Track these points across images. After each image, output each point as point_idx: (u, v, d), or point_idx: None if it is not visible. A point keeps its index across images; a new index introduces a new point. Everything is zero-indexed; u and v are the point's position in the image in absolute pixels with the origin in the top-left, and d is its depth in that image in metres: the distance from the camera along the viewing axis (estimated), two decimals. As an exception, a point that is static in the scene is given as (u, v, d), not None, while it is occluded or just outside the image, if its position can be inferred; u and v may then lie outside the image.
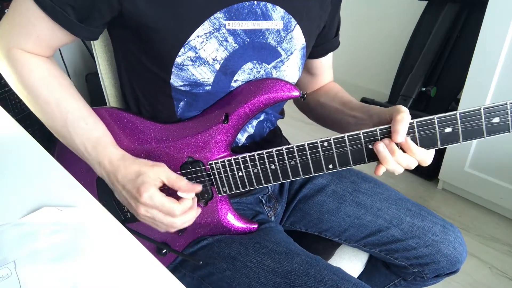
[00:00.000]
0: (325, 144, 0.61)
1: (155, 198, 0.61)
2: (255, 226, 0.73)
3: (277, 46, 0.67)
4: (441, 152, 1.74)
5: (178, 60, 0.62)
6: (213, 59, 0.63)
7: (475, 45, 1.50)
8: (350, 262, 0.86)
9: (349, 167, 0.63)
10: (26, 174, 0.60)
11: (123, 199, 0.64)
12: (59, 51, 1.84)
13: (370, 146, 0.61)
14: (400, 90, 1.94)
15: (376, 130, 0.60)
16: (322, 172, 0.63)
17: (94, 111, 0.69)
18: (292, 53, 0.70)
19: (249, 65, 0.66)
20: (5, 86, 1.51)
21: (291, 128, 1.35)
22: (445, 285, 1.39)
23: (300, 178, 0.68)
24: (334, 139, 0.61)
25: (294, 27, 0.68)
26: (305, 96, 0.71)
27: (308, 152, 0.62)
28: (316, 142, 0.62)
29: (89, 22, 0.61)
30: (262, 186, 0.73)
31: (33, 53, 0.65)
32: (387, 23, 2.33)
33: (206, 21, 0.61)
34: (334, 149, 0.62)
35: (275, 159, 0.64)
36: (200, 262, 0.70)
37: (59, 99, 0.65)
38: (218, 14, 0.61)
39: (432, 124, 0.58)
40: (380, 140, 0.60)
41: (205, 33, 0.61)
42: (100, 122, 0.68)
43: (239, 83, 0.67)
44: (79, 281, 0.44)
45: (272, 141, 0.80)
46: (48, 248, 0.48)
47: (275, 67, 0.69)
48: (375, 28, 2.40)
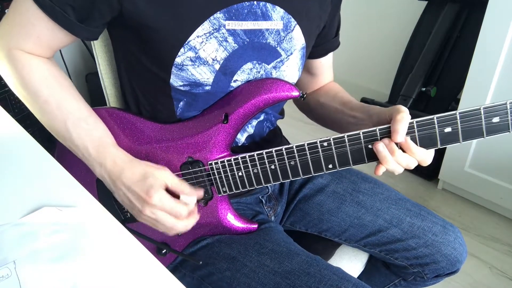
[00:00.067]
0: (325, 144, 0.61)
1: (165, 201, 0.61)
2: (255, 226, 0.73)
3: (277, 46, 0.67)
4: (441, 152, 1.74)
5: (178, 60, 0.62)
6: (213, 59, 0.63)
7: (475, 45, 1.50)
8: (350, 262, 0.86)
9: (349, 167, 0.64)
10: (26, 174, 0.60)
11: (125, 200, 0.64)
12: (60, 51, 1.84)
13: (370, 146, 0.61)
14: (400, 90, 1.94)
15: (376, 130, 0.60)
16: (322, 172, 0.63)
17: (94, 111, 0.69)
18: (292, 53, 0.70)
19: (249, 65, 0.66)
20: (5, 86, 1.51)
21: (291, 128, 1.34)
22: (445, 285, 1.39)
23: (300, 178, 0.68)
24: (334, 139, 0.61)
25: (294, 27, 0.68)
26: (305, 96, 0.71)
27: (308, 152, 0.62)
28: (316, 142, 0.62)
29: (89, 22, 0.61)
30: (262, 186, 0.73)
31: (33, 54, 0.65)
32: (387, 23, 2.33)
33: (206, 21, 0.61)
34: (334, 149, 0.62)
35: (275, 159, 0.64)
36: (200, 262, 0.70)
37: (59, 100, 0.65)
38: (218, 14, 0.61)
39: (432, 124, 0.58)
40: (380, 140, 0.60)
41: (205, 33, 0.61)
42: (101, 123, 0.68)
43: (239, 83, 0.67)
44: (79, 281, 0.44)
45: (272, 141, 0.80)
46: (48, 248, 0.48)
47: (275, 67, 0.69)
48: (375, 28, 2.40)
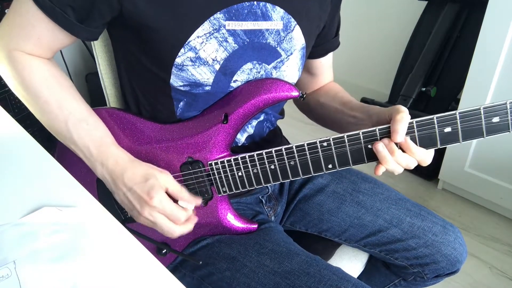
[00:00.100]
0: (325, 144, 0.61)
1: (165, 203, 0.61)
2: (255, 226, 0.73)
3: (277, 46, 0.67)
4: (441, 152, 1.74)
5: (178, 61, 0.62)
6: (213, 60, 0.63)
7: (475, 45, 1.50)
8: (350, 262, 0.86)
9: (349, 167, 0.64)
10: (26, 174, 0.60)
11: (125, 200, 0.64)
12: (60, 52, 1.85)
13: (370, 146, 0.61)
14: (400, 90, 1.94)
15: (376, 130, 0.60)
16: (322, 172, 0.63)
17: (95, 112, 0.69)
18: (292, 53, 0.70)
19: (249, 66, 0.66)
20: (5, 86, 1.51)
21: (291, 128, 1.35)
22: (445, 285, 1.39)
23: (300, 178, 0.68)
24: (334, 139, 0.61)
25: (294, 27, 0.68)
26: (305, 96, 0.71)
27: (308, 152, 0.62)
28: (316, 142, 0.62)
29: (89, 23, 0.61)
30: (262, 186, 0.73)
31: (34, 55, 0.65)
32: (387, 23, 2.33)
33: (206, 22, 0.61)
34: (334, 149, 0.62)
35: (275, 159, 0.64)
36: (200, 262, 0.70)
37: (60, 100, 0.65)
38: (218, 15, 0.61)
39: (432, 124, 0.58)
40: (380, 140, 0.60)
41: (205, 34, 0.61)
42: (101, 123, 0.68)
43: (239, 83, 0.67)
44: (79, 281, 0.44)
45: (272, 141, 0.80)
46: (48, 248, 0.48)
47: (275, 67, 0.69)
48: (375, 28, 2.40)
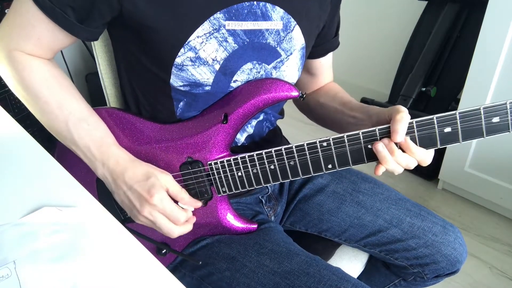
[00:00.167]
0: (324, 144, 0.61)
1: (165, 202, 0.61)
2: (255, 226, 0.73)
3: (277, 46, 0.67)
4: (441, 152, 1.74)
5: (178, 61, 0.62)
6: (213, 60, 0.63)
7: (475, 45, 1.50)
8: (350, 263, 0.86)
9: (349, 167, 0.64)
10: (26, 174, 0.60)
11: (125, 200, 0.64)
12: (61, 52, 1.84)
13: (369, 146, 0.61)
14: (400, 90, 1.94)
15: (375, 130, 0.60)
16: (322, 172, 0.63)
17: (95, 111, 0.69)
18: (292, 53, 0.70)
19: (249, 66, 0.66)
20: (5, 86, 1.51)
21: (291, 128, 1.35)
22: (445, 285, 1.39)
23: (300, 178, 0.68)
24: (333, 139, 0.61)
25: (294, 27, 0.68)
26: (304, 96, 0.71)
27: (307, 152, 0.62)
28: (315, 142, 0.62)
29: (89, 23, 0.61)
30: (262, 186, 0.73)
31: (34, 55, 0.65)
32: (387, 23, 2.33)
33: (206, 22, 0.61)
34: (333, 149, 0.62)
35: (274, 159, 0.64)
36: (200, 262, 0.70)
37: (60, 100, 0.65)
38: (218, 15, 0.61)
39: (432, 124, 0.58)
40: (380, 140, 0.60)
41: (205, 34, 0.61)
42: (102, 122, 0.68)
43: (239, 83, 0.67)
44: (79, 281, 0.44)
45: (272, 141, 0.80)
46: (48, 248, 0.48)
47: (275, 67, 0.69)
48: (375, 28, 2.40)
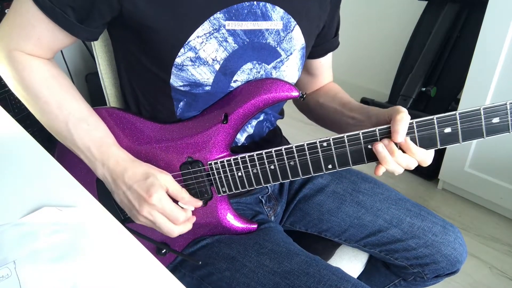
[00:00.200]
0: (324, 144, 0.61)
1: (165, 202, 0.61)
2: (255, 226, 0.73)
3: (277, 46, 0.67)
4: (441, 152, 1.74)
5: (178, 61, 0.62)
6: (213, 60, 0.63)
7: (475, 45, 1.50)
8: (350, 263, 0.86)
9: (349, 167, 0.64)
10: (26, 174, 0.60)
11: (124, 200, 0.64)
12: (61, 52, 1.85)
13: (370, 146, 0.61)
14: (400, 90, 1.94)
15: (376, 130, 0.60)
16: (322, 172, 0.63)
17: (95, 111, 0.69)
18: (292, 53, 0.70)
19: (249, 66, 0.66)
20: (5, 86, 1.51)
21: (291, 128, 1.35)
22: (445, 285, 1.39)
23: (300, 178, 0.68)
24: (334, 139, 0.61)
25: (294, 27, 0.68)
26: (305, 97, 0.71)
27: (308, 152, 0.62)
28: (315, 142, 0.62)
29: (89, 23, 0.61)
30: (262, 186, 0.73)
31: (34, 55, 0.65)
32: (387, 23, 2.33)
33: (206, 22, 0.61)
34: (334, 149, 0.62)
35: (274, 159, 0.64)
36: (200, 262, 0.70)
37: (60, 100, 0.65)
38: (218, 15, 0.61)
39: (432, 124, 0.58)
40: (380, 141, 0.60)
41: (205, 34, 0.61)
42: (102, 122, 0.68)
43: (239, 84, 0.67)
44: (79, 281, 0.44)
45: (272, 141, 0.80)
46: (48, 248, 0.48)
47: (275, 67, 0.69)
48: (375, 28, 2.40)
